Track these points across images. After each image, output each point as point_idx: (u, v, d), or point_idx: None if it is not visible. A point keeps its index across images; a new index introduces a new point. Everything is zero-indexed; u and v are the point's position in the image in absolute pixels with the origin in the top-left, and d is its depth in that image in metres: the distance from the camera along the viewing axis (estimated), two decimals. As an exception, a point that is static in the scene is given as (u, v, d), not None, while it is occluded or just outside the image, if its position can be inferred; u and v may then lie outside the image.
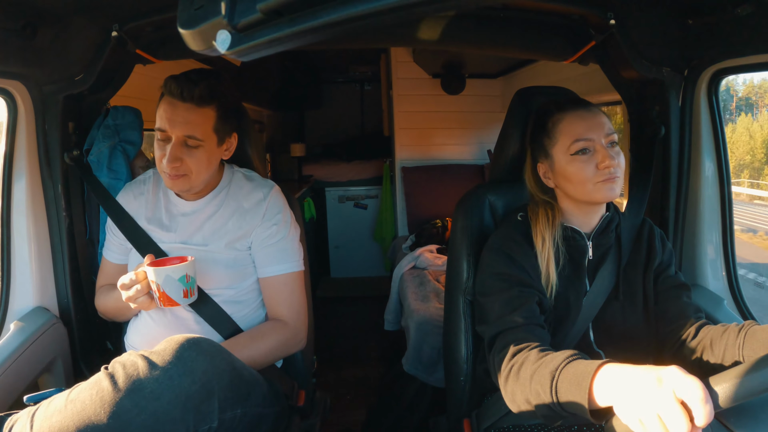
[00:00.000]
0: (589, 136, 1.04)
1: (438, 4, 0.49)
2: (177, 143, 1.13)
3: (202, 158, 1.16)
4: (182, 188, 1.19)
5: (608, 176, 1.02)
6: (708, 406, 0.60)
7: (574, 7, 1.23)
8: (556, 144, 1.08)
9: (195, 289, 1.10)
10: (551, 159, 1.09)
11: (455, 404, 1.28)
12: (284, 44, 0.56)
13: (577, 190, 1.06)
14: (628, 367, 0.71)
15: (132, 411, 0.83)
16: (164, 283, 1.05)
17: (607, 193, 1.03)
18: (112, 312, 1.28)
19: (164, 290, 1.06)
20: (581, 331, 1.09)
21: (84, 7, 1.18)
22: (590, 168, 1.03)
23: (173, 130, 1.13)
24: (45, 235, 1.36)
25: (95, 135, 1.46)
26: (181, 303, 1.08)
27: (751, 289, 2.22)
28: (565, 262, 1.09)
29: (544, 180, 1.13)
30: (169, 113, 1.13)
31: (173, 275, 1.06)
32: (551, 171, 1.11)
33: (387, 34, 1.48)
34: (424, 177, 3.53)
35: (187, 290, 1.08)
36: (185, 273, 1.07)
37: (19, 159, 1.31)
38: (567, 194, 1.10)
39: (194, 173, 1.16)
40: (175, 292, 1.07)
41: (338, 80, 5.10)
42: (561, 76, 2.35)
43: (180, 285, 1.07)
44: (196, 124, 1.13)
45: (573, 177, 1.05)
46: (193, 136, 1.13)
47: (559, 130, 1.07)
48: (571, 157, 1.05)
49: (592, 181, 1.03)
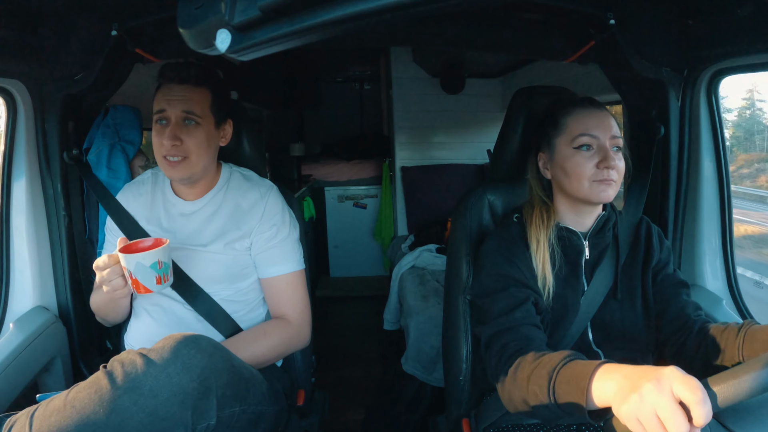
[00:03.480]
0: (594, 133, 1.04)
1: (438, 4, 0.49)
2: (176, 123, 1.15)
3: (201, 138, 1.16)
4: (182, 175, 1.18)
5: (605, 177, 1.02)
6: (706, 406, 0.60)
7: (574, 7, 1.23)
8: (561, 134, 1.07)
9: (169, 274, 1.05)
10: (552, 149, 1.09)
11: (454, 404, 1.28)
12: (284, 43, 0.56)
13: (572, 185, 1.05)
14: (626, 367, 0.71)
15: (131, 409, 0.83)
16: (135, 270, 1.00)
17: (600, 195, 1.03)
18: (101, 308, 1.25)
19: (136, 277, 1.01)
20: (580, 331, 1.09)
21: (84, 7, 1.18)
22: (590, 165, 1.03)
23: (172, 109, 1.15)
24: (44, 235, 1.36)
25: (95, 134, 1.46)
26: (154, 290, 1.03)
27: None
28: (561, 262, 1.09)
29: (543, 171, 1.13)
30: (167, 95, 1.16)
31: (144, 262, 1.00)
32: (550, 162, 1.10)
33: (386, 34, 1.48)
34: (424, 176, 3.53)
35: (159, 276, 1.02)
36: (157, 259, 1.01)
37: (19, 158, 1.31)
38: (562, 189, 1.10)
39: (194, 155, 1.16)
40: (147, 279, 1.01)
41: (338, 79, 5.09)
42: (561, 76, 2.36)
43: (152, 272, 1.01)
44: (194, 101, 1.16)
45: (571, 171, 1.04)
46: (191, 112, 1.15)
47: (566, 122, 1.07)
48: (573, 150, 1.05)
49: (589, 179, 1.03)
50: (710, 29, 1.15)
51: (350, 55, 4.22)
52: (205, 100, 1.18)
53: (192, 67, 1.17)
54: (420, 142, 3.65)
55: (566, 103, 1.10)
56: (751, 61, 1.15)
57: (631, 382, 0.67)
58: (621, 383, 0.69)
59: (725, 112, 1.36)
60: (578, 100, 1.11)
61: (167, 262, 1.04)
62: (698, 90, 1.27)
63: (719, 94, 1.29)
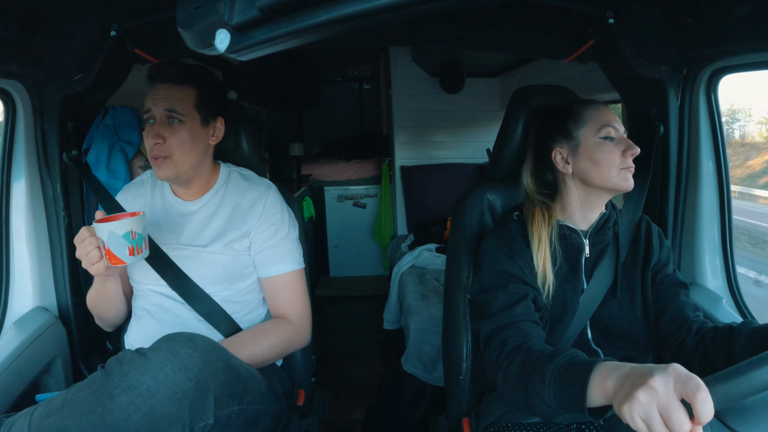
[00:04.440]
0: (614, 125, 1.08)
1: (437, 3, 0.49)
2: (160, 121, 1.16)
3: (185, 136, 1.16)
4: (168, 174, 1.17)
5: (629, 165, 1.06)
6: (708, 404, 0.60)
7: (573, 6, 1.23)
8: (584, 126, 1.09)
9: (143, 246, 1.04)
10: (576, 140, 1.09)
11: (454, 403, 1.28)
12: (283, 43, 0.56)
13: (601, 173, 1.07)
14: (626, 365, 0.71)
15: (128, 408, 0.83)
16: (108, 239, 1.00)
17: (626, 183, 1.06)
18: (95, 302, 1.24)
19: (109, 247, 1.01)
20: (579, 329, 1.10)
21: (83, 7, 1.18)
22: (617, 153, 1.06)
23: (156, 108, 1.16)
24: (44, 235, 1.36)
25: (94, 135, 1.46)
26: (127, 261, 1.02)
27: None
28: (561, 260, 1.09)
29: (562, 166, 1.12)
30: (153, 94, 1.17)
31: (117, 231, 1.00)
32: (573, 154, 1.10)
33: (385, 33, 1.48)
34: (423, 176, 3.53)
35: (132, 248, 1.02)
36: (130, 229, 1.01)
37: (18, 159, 1.31)
38: (585, 181, 1.10)
39: (177, 153, 1.16)
40: (120, 250, 1.01)
41: (337, 79, 5.09)
42: (560, 75, 2.36)
43: (125, 242, 1.01)
44: (176, 99, 1.16)
45: (602, 159, 1.06)
46: (173, 110, 1.15)
47: (588, 114, 1.09)
48: (600, 141, 1.07)
49: (618, 167, 1.06)
50: (709, 28, 1.15)
51: (349, 54, 4.22)
52: (188, 98, 1.17)
53: (175, 66, 1.17)
54: (419, 142, 3.65)
55: (581, 99, 1.14)
56: (750, 59, 1.15)
57: (632, 379, 0.67)
58: (622, 381, 0.69)
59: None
60: (586, 99, 1.14)
61: (141, 234, 1.04)
62: (697, 89, 1.27)
63: (718, 92, 1.29)
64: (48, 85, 1.28)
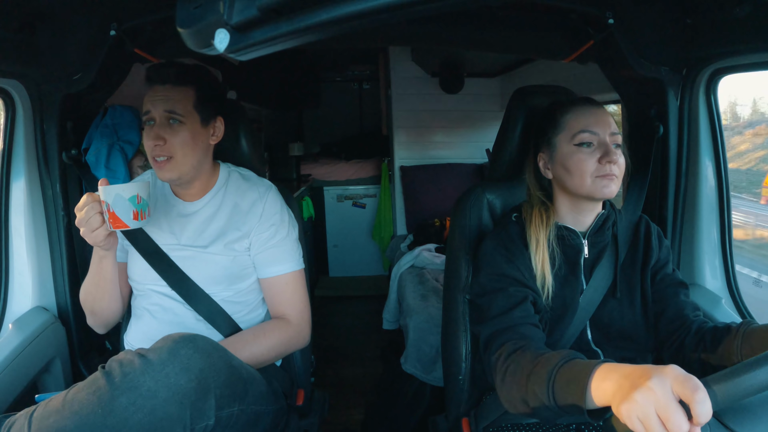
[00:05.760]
0: (594, 129, 1.04)
1: (436, 3, 0.49)
2: (160, 122, 1.16)
3: (186, 137, 1.16)
4: (171, 176, 1.17)
5: (607, 172, 1.02)
6: (706, 404, 0.60)
7: (573, 6, 1.23)
8: (561, 132, 1.07)
9: (147, 212, 1.07)
10: (553, 147, 1.08)
11: (454, 403, 1.28)
12: (282, 43, 0.56)
13: (575, 182, 1.05)
14: (625, 366, 0.71)
15: (129, 409, 0.83)
16: (114, 202, 1.02)
17: (603, 190, 1.03)
18: (90, 292, 1.22)
19: (113, 210, 1.03)
20: (579, 330, 1.09)
21: (82, 7, 1.18)
22: (591, 161, 1.03)
23: (156, 110, 1.16)
24: (43, 235, 1.36)
25: (93, 134, 1.46)
26: (131, 225, 1.04)
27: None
28: (560, 261, 1.09)
29: (543, 171, 1.12)
30: (151, 96, 1.17)
31: (123, 194, 1.03)
32: (551, 161, 1.10)
33: (385, 33, 1.48)
34: (423, 176, 3.53)
35: (137, 212, 1.04)
36: (136, 193, 1.04)
37: (17, 158, 1.31)
38: (563, 188, 1.09)
39: (179, 154, 1.16)
40: (125, 213, 1.03)
41: (337, 79, 5.08)
42: (559, 75, 2.35)
43: (130, 205, 1.03)
44: (175, 100, 1.16)
45: (574, 168, 1.04)
46: (173, 111, 1.15)
47: (566, 120, 1.07)
48: (574, 147, 1.05)
49: (592, 175, 1.03)
50: (709, 28, 1.15)
51: (349, 54, 4.22)
52: (187, 99, 1.17)
53: (173, 67, 1.17)
54: (419, 142, 3.65)
55: (564, 102, 1.10)
56: (750, 60, 1.15)
57: (631, 381, 0.67)
58: (620, 382, 0.69)
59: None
60: (576, 99, 1.11)
61: (146, 200, 1.07)
62: (697, 89, 1.27)
63: (718, 93, 1.29)
64: (47, 85, 1.28)
